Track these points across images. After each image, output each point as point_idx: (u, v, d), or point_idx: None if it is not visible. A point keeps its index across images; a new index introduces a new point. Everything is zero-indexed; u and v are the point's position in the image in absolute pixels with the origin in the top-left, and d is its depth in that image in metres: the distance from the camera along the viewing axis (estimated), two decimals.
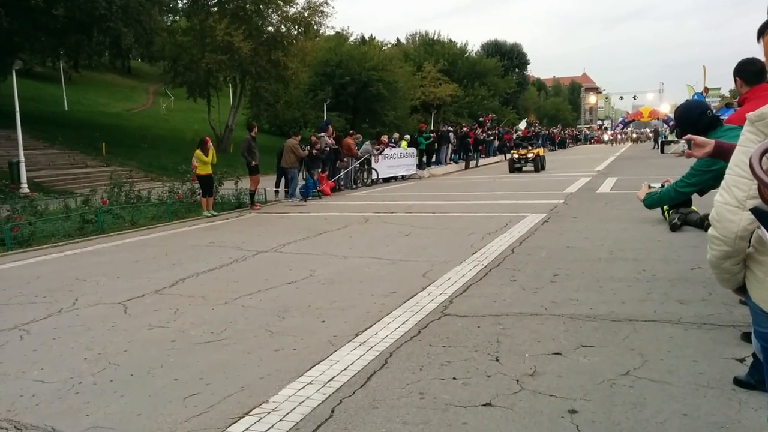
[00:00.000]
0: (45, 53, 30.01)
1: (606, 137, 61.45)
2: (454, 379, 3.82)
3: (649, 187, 4.29)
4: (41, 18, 23.19)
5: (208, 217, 12.88)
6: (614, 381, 3.67)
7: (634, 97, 75.04)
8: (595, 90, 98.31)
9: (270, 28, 32.31)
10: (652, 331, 4.52)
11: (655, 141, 43.83)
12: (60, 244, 9.93)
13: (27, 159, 19.29)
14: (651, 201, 4.09)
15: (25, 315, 5.62)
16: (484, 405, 3.43)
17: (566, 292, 5.73)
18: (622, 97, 77.72)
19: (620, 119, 67.45)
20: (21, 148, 18.73)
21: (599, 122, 71.29)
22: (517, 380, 3.74)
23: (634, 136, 66.99)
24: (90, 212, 11.40)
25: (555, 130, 55.72)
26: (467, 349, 4.33)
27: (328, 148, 17.26)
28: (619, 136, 65.59)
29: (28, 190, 17.42)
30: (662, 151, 35.80)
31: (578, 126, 74.49)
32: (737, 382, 3.52)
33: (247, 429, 3.26)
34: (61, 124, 28.61)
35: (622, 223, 9.56)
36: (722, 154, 2.79)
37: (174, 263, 8.03)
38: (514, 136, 37.83)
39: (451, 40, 55.68)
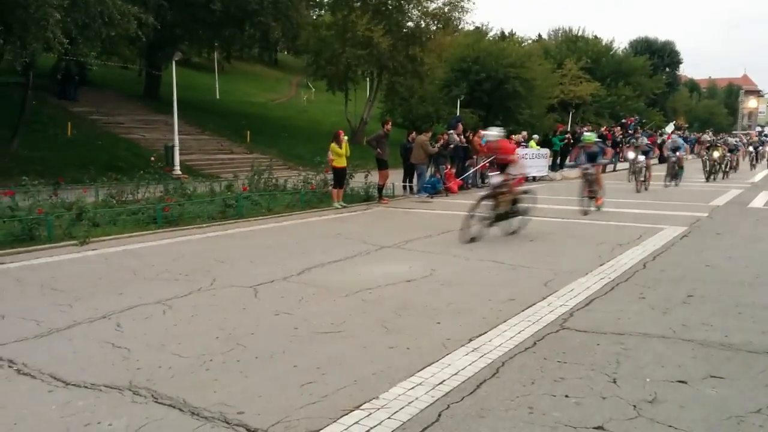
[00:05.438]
0: (202, 45, 32.38)
1: (630, 154, 21.30)
2: (567, 396, 3.73)
3: None
4: (200, 12, 25.07)
5: (337, 208, 13.36)
6: (743, 418, 3.42)
7: None
8: (756, 93, 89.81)
9: (410, 24, 32.70)
10: None
11: None
12: (204, 225, 10.73)
13: (181, 143, 20.93)
14: None
15: (169, 291, 6.16)
16: (595, 428, 3.33)
17: (700, 315, 5.37)
18: None
19: None
20: (176, 133, 20.41)
21: (758, 128, 64.89)
22: (635, 406, 3.59)
23: None
24: (231, 198, 12.22)
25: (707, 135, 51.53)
26: (584, 366, 4.21)
27: (452, 145, 17.23)
28: (682, 153, 21.66)
29: (179, 173, 18.93)
30: None
31: (733, 132, 68.63)
32: None
33: (356, 422, 3.39)
34: (212, 112, 30.76)
35: None
36: None
37: (303, 252, 8.43)
38: (658, 141, 35.63)
39: (596, 37, 53.33)
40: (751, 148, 34.06)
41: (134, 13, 18.24)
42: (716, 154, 21.85)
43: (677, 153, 19.57)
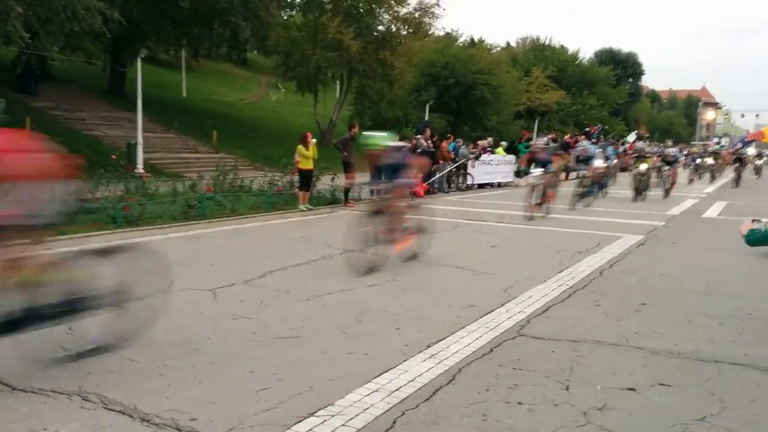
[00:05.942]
0: (169, 42, 31.91)
1: (535, 171, 13.82)
2: (520, 404, 3.78)
3: (754, 222, 4.06)
4: (168, 9, 24.74)
5: (303, 210, 13.30)
6: (687, 426, 3.52)
7: (757, 116, 69.72)
8: (714, 105, 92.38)
9: (380, 28, 32.83)
10: (738, 376, 4.28)
11: None
12: (165, 226, 10.56)
13: (145, 141, 20.55)
14: (753, 238, 3.87)
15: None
16: None
17: (651, 323, 5.51)
18: (743, 115, 72.22)
19: (739, 138, 62.65)
20: (140, 130, 20.04)
21: (716, 139, 66.65)
22: (585, 413, 3.66)
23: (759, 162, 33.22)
24: (195, 198, 12.07)
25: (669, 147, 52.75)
26: (538, 373, 4.27)
27: (419, 150, 17.30)
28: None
29: (142, 171, 18.61)
30: None
31: (692, 142, 70.46)
32: None
33: (310, 430, 3.38)
34: (178, 110, 30.34)
35: (724, 253, 9.00)
36: None
37: (266, 255, 8.38)
38: (620, 149, 36.36)
39: (562, 46, 54.41)
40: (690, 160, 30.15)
41: (99, 8, 17.93)
42: (643, 167, 17.82)
43: (593, 164, 16.27)
